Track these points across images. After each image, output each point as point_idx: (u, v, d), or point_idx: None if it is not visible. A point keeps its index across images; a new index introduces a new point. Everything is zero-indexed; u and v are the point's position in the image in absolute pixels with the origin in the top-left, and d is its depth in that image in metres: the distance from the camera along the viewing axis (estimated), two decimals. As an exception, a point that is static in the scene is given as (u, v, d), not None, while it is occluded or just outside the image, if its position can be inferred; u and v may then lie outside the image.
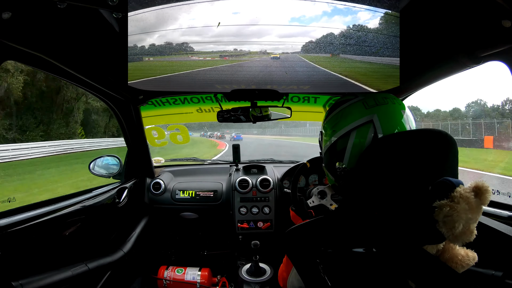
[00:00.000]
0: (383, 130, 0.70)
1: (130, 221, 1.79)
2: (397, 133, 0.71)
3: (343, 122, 0.76)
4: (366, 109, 0.73)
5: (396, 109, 0.74)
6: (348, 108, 0.77)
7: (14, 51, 0.83)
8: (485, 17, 0.76)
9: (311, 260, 0.68)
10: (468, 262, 0.64)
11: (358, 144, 0.72)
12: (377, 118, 0.71)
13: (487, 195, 0.56)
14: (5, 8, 0.69)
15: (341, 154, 0.75)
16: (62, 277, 1.12)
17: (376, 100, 0.74)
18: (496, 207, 1.03)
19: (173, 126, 2.17)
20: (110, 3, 0.74)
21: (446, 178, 0.57)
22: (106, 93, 1.40)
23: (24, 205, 1.13)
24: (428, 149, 0.63)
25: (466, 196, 0.54)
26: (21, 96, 15.48)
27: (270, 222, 1.89)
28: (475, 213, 0.55)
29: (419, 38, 0.96)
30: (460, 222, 0.53)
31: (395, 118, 0.73)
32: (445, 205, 0.54)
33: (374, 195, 0.64)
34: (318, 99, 1.88)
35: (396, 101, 0.76)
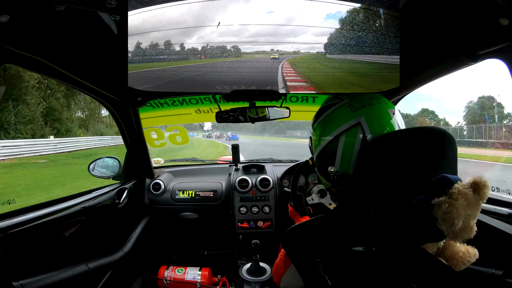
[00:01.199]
0: (371, 131, 0.71)
1: (130, 221, 1.79)
2: (392, 132, 0.71)
3: (331, 126, 0.76)
4: (353, 112, 0.74)
5: (383, 109, 0.75)
6: (334, 112, 0.78)
7: (12, 54, 0.83)
8: (482, 15, 0.76)
9: (311, 259, 0.68)
10: (469, 259, 0.64)
11: (347, 147, 0.73)
12: (364, 120, 0.72)
13: (486, 190, 0.56)
14: (3, 11, 0.69)
15: (332, 158, 0.76)
16: (62, 277, 1.12)
17: (362, 102, 0.75)
18: (496, 204, 1.03)
19: (172, 127, 2.17)
20: (108, 5, 0.74)
21: (444, 175, 0.57)
22: (105, 96, 1.40)
23: (25, 207, 1.13)
24: (427, 146, 0.63)
25: (464, 192, 0.55)
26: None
27: (270, 221, 1.89)
28: (474, 209, 0.55)
29: (418, 36, 0.97)
30: (459, 218, 0.53)
31: (383, 119, 0.73)
32: (443, 202, 0.54)
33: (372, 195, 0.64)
34: (316, 98, 1.88)
35: (382, 100, 0.77)
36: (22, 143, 12.42)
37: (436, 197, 0.56)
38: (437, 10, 0.85)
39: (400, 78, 0.85)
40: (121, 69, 0.84)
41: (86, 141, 16.74)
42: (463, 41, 0.88)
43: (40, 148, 13.08)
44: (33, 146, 12.78)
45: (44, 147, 13.38)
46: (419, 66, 1.10)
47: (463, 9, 0.79)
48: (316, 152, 0.82)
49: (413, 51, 0.99)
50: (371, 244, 0.62)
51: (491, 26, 0.76)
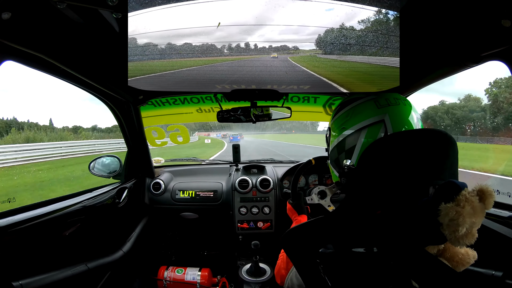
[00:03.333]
0: (394, 130, 0.71)
1: (130, 221, 1.79)
2: (397, 132, 0.71)
3: (354, 119, 0.76)
4: (378, 109, 0.74)
5: (406, 111, 0.74)
6: (359, 106, 0.78)
7: (14, 51, 0.83)
8: (484, 17, 0.76)
9: (311, 260, 0.68)
10: (468, 261, 0.64)
11: (367, 143, 0.73)
12: (388, 118, 0.72)
13: (491, 199, 0.56)
14: (5, 8, 0.69)
15: (350, 152, 0.76)
16: (62, 277, 1.12)
17: (388, 100, 0.75)
18: (496, 207, 1.03)
19: (173, 126, 2.17)
20: (110, 3, 0.74)
21: (452, 180, 0.57)
22: (106, 94, 1.40)
23: (25, 205, 1.13)
24: (429, 148, 0.63)
25: (471, 200, 0.54)
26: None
27: (270, 222, 1.89)
28: (478, 217, 0.55)
29: (419, 37, 0.96)
30: (464, 226, 0.53)
31: (405, 120, 0.73)
32: (451, 209, 0.54)
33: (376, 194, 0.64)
34: (318, 99, 1.88)
35: (406, 102, 0.77)
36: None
37: (443, 202, 0.55)
38: (439, 11, 0.84)
39: (401, 79, 0.85)
40: (122, 67, 0.84)
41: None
42: (465, 42, 0.88)
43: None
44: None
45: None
46: (420, 67, 1.10)
47: (465, 10, 0.79)
48: (333, 143, 0.82)
49: (414, 52, 0.99)
50: (373, 245, 0.62)
51: (493, 27, 0.75)
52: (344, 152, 0.77)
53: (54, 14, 0.79)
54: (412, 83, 1.21)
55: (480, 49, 0.86)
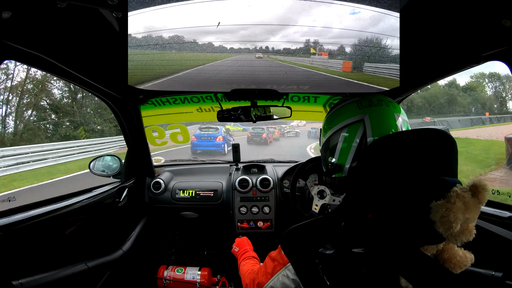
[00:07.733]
0: (373, 130, 0.72)
1: (130, 220, 1.79)
2: (395, 133, 0.71)
3: (337, 119, 0.80)
4: (359, 109, 0.77)
5: (389, 112, 0.75)
6: (343, 107, 0.81)
7: (14, 50, 0.83)
8: (485, 17, 0.76)
9: (310, 260, 0.68)
10: (465, 263, 0.64)
11: (347, 140, 0.76)
12: (368, 118, 0.74)
13: (485, 193, 0.55)
14: (5, 7, 0.69)
15: (333, 150, 0.79)
16: (61, 276, 1.12)
17: (370, 101, 0.77)
18: (497, 207, 1.03)
19: (173, 126, 2.17)
20: (110, 2, 0.74)
21: (443, 177, 0.57)
22: (106, 93, 1.40)
23: (25, 205, 1.13)
24: (431, 148, 0.63)
25: (462, 195, 0.54)
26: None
27: (270, 221, 1.89)
28: (472, 212, 0.55)
29: (419, 37, 0.96)
30: (457, 222, 0.53)
31: (387, 121, 0.74)
32: (441, 206, 0.54)
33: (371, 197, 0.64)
34: (318, 98, 1.88)
35: (391, 104, 0.78)
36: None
37: (434, 200, 0.55)
38: (439, 11, 0.84)
39: (401, 79, 0.85)
40: (122, 67, 0.84)
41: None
42: (466, 42, 0.88)
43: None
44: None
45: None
46: (420, 67, 1.10)
47: (466, 10, 0.79)
48: (322, 142, 0.86)
49: (415, 52, 0.99)
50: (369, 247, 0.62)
51: (494, 27, 0.75)
52: (329, 151, 0.81)
53: (55, 14, 0.79)
54: (412, 83, 1.21)
55: (480, 49, 0.86)
